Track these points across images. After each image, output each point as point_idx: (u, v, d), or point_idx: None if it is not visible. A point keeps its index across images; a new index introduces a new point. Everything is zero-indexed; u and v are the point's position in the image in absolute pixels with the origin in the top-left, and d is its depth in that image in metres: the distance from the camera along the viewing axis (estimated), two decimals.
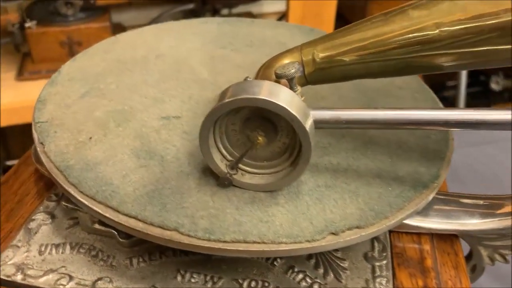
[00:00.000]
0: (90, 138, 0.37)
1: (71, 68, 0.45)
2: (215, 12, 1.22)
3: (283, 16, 1.25)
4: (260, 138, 0.32)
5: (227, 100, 0.29)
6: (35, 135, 0.37)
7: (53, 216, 0.38)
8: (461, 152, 0.90)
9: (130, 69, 0.45)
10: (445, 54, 0.33)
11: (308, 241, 0.30)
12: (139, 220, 0.31)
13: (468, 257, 0.42)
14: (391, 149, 0.38)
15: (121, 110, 0.40)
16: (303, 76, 0.36)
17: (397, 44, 0.33)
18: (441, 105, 0.45)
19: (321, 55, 0.35)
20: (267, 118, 0.32)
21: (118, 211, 0.31)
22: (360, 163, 0.36)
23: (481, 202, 0.39)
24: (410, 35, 0.33)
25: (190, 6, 1.20)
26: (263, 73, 0.37)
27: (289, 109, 0.29)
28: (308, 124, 0.30)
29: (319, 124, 0.33)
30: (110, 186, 0.33)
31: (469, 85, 1.38)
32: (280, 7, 1.26)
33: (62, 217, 0.38)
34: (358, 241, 0.32)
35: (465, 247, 0.41)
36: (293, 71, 0.33)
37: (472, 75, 1.33)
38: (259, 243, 0.30)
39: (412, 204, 0.34)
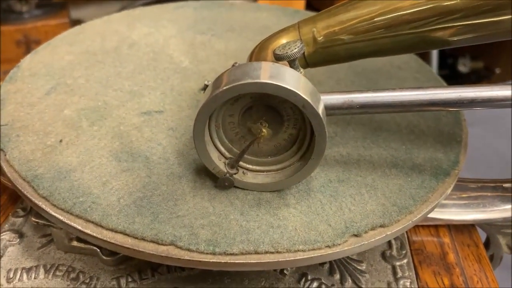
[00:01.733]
0: (61, 141, 0.31)
1: (33, 63, 0.39)
2: None
3: None
4: (264, 130, 0.27)
5: (226, 87, 0.25)
6: None
7: (21, 235, 0.32)
8: None
9: (101, 61, 0.40)
10: (463, 25, 0.29)
11: (328, 246, 0.26)
12: (128, 235, 0.26)
13: (485, 246, 0.39)
14: (403, 134, 0.34)
15: (94, 107, 0.35)
16: (303, 57, 0.32)
17: (410, 16, 0.29)
18: (444, 84, 0.42)
19: (323, 32, 0.31)
20: (271, 107, 0.27)
21: (101, 226, 0.26)
22: (372, 152, 0.32)
23: (500, 185, 0.36)
24: (426, 7, 0.29)
25: None
26: (257, 56, 0.32)
27: (300, 93, 0.25)
28: (320, 110, 0.26)
29: (330, 110, 0.28)
30: (89, 196, 0.28)
31: None
32: None
33: (32, 235, 0.32)
34: (383, 242, 0.28)
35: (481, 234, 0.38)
36: (295, 50, 0.29)
37: (439, 58, 1.31)
38: (272, 253, 0.25)
39: (436, 195, 0.30)
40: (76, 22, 1.11)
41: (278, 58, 0.29)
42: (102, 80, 0.38)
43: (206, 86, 0.37)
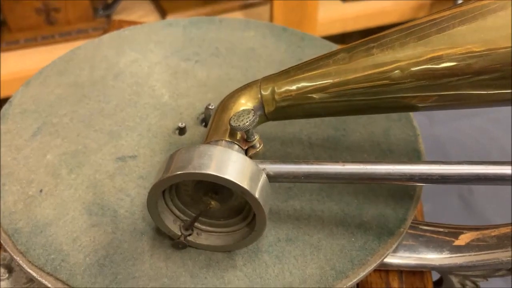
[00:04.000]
0: (41, 190, 0.35)
1: (24, 97, 0.42)
2: None
3: None
4: (213, 202, 0.30)
5: (170, 175, 0.28)
6: None
7: (10, 270, 0.37)
8: (448, 126, 0.89)
9: (87, 95, 0.43)
10: (411, 96, 0.31)
11: None
12: None
13: (438, 283, 0.41)
14: (358, 186, 0.36)
15: (75, 152, 0.38)
16: (263, 114, 0.34)
17: (359, 85, 0.31)
18: (415, 122, 0.43)
19: (280, 92, 0.33)
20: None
21: (68, 285, 0.30)
22: (324, 206, 0.35)
23: (443, 230, 0.38)
24: (373, 76, 0.31)
25: None
26: (219, 117, 0.34)
27: (238, 182, 0.27)
28: (258, 194, 0.28)
29: (277, 179, 0.31)
30: (60, 253, 0.31)
31: None
32: None
33: (19, 270, 0.37)
34: None
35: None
36: (247, 123, 0.31)
37: None
38: None
39: (375, 257, 0.32)
40: None
41: (233, 129, 0.31)
42: (85, 119, 0.40)
43: (179, 128, 0.40)
